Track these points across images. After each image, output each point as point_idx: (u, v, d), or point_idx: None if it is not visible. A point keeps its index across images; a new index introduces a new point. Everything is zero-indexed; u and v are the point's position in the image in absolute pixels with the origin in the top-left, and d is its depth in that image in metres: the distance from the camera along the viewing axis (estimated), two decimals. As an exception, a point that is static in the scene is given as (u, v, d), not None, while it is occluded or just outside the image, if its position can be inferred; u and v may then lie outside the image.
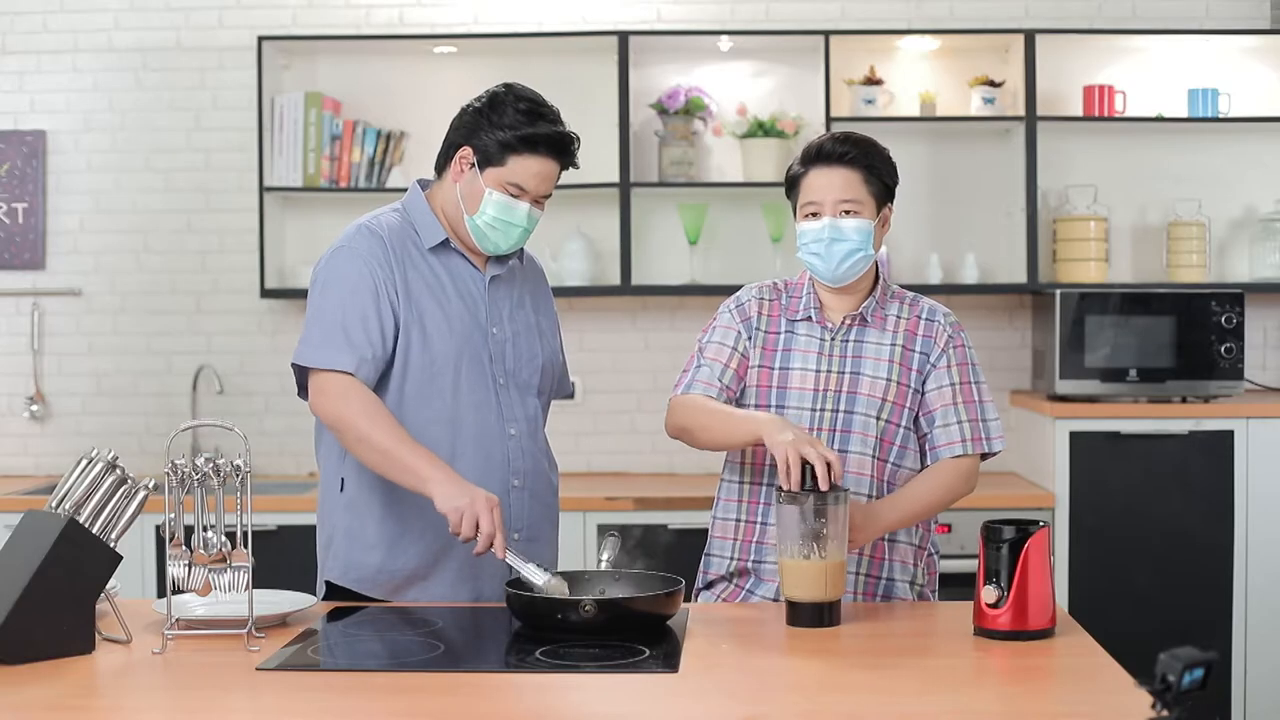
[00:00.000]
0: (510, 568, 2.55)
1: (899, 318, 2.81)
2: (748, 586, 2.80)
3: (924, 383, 2.78)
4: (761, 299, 2.85)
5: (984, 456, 2.79)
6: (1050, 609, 2.41)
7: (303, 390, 2.78)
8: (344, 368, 2.68)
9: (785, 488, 2.49)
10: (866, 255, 2.74)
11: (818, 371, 2.77)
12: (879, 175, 2.75)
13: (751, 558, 2.79)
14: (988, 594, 2.40)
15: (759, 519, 2.79)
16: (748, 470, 2.81)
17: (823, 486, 2.47)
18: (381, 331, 2.71)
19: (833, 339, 2.79)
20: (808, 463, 2.48)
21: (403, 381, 2.73)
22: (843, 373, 2.77)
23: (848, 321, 2.79)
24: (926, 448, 2.78)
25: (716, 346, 2.81)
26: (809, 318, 2.80)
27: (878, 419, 2.75)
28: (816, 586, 2.48)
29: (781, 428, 2.56)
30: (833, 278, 2.75)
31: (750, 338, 2.80)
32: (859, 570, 2.76)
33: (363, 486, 2.77)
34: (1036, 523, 2.42)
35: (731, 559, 2.81)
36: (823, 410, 2.75)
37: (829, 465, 2.47)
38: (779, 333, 2.81)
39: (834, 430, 2.74)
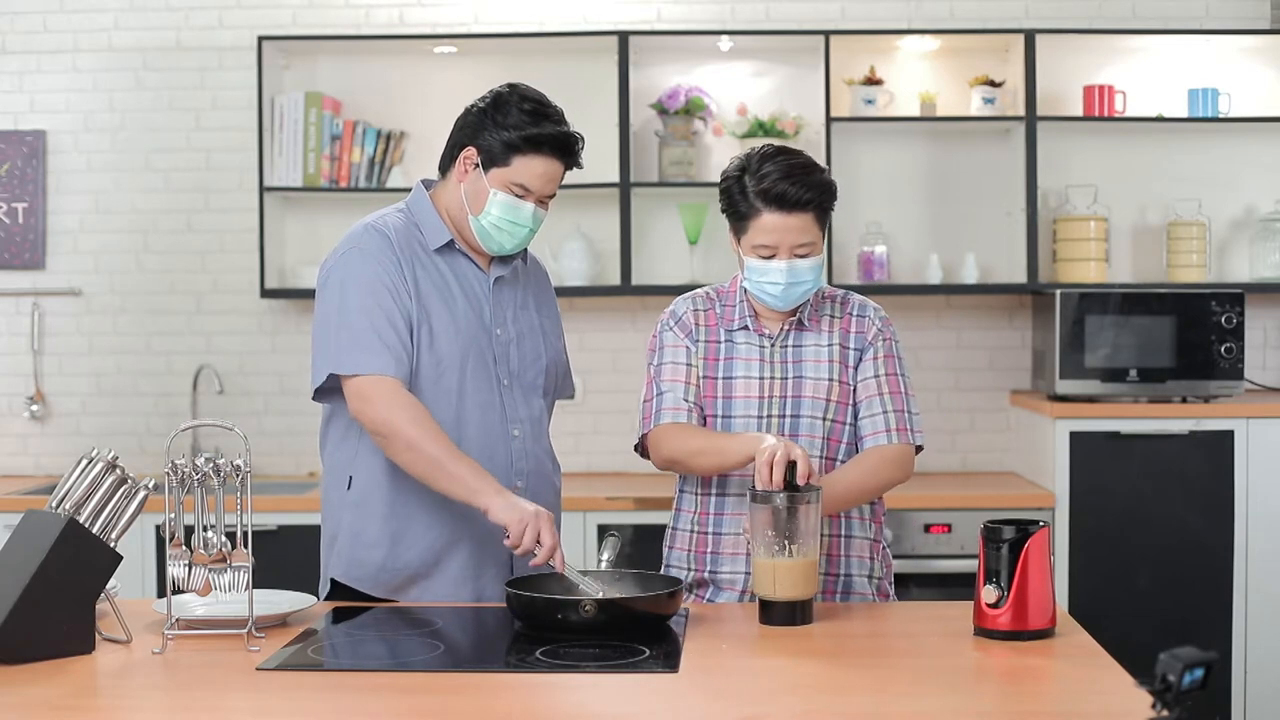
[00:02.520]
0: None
1: (833, 318, 2.82)
2: (707, 596, 2.81)
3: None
4: (697, 310, 2.85)
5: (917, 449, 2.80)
6: (1050, 609, 2.41)
7: (319, 393, 2.76)
8: (386, 371, 2.67)
9: (761, 487, 2.49)
10: (818, 283, 2.75)
11: (761, 379, 2.78)
12: (828, 209, 2.73)
13: (708, 568, 2.80)
14: (988, 594, 2.40)
15: (710, 529, 2.80)
16: (698, 481, 2.82)
17: (801, 482, 2.48)
18: (410, 330, 2.71)
19: (773, 345, 2.79)
20: (791, 461, 2.48)
21: (408, 382, 2.72)
22: (785, 378, 2.78)
23: (786, 327, 2.80)
24: (856, 436, 2.80)
25: (671, 367, 2.81)
26: (745, 326, 2.81)
27: (824, 420, 2.77)
28: (789, 585, 2.49)
29: (764, 437, 2.59)
30: (785, 308, 2.77)
31: (695, 349, 2.81)
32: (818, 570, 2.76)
33: (370, 485, 2.76)
34: (1036, 523, 2.42)
35: (689, 570, 2.82)
36: (769, 416, 2.76)
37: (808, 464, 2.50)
38: (719, 342, 2.82)
39: (782, 435, 2.73)
